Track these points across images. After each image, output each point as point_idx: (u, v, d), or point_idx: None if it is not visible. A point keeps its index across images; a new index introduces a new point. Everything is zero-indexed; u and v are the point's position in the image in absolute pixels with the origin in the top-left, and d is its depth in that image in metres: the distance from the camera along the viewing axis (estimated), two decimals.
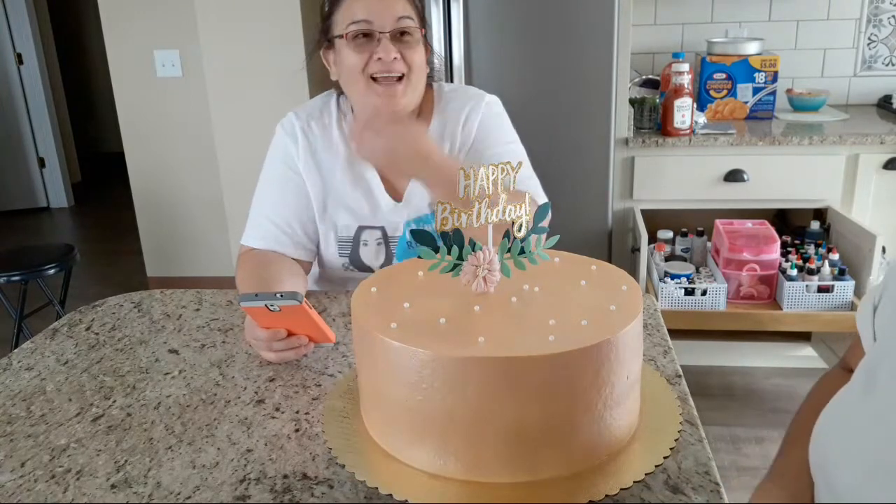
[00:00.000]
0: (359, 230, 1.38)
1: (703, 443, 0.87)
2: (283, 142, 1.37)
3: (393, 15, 1.23)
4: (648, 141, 2.55)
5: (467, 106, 1.38)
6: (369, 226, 1.37)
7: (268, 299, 1.00)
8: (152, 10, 3.37)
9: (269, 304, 1.00)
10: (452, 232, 0.83)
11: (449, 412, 0.74)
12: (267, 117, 1.44)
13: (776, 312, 2.37)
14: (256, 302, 1.01)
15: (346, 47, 1.25)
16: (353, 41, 1.24)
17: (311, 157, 1.36)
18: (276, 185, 1.37)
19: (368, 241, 1.38)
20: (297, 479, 0.82)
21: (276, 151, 1.38)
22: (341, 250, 1.39)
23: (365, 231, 1.38)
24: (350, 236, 1.38)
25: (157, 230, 3.68)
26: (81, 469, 0.86)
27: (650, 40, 3.00)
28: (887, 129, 2.57)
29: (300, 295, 0.99)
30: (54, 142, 5.38)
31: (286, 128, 1.37)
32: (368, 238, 1.38)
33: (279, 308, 1.00)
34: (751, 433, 2.34)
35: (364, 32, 1.24)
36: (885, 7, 2.88)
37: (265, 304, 1.00)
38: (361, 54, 1.24)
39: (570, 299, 0.85)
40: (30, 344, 1.21)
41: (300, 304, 0.99)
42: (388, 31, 1.23)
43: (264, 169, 1.39)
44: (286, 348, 1.07)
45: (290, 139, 1.36)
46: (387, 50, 1.23)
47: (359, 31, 1.24)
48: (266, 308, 1.01)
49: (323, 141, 1.36)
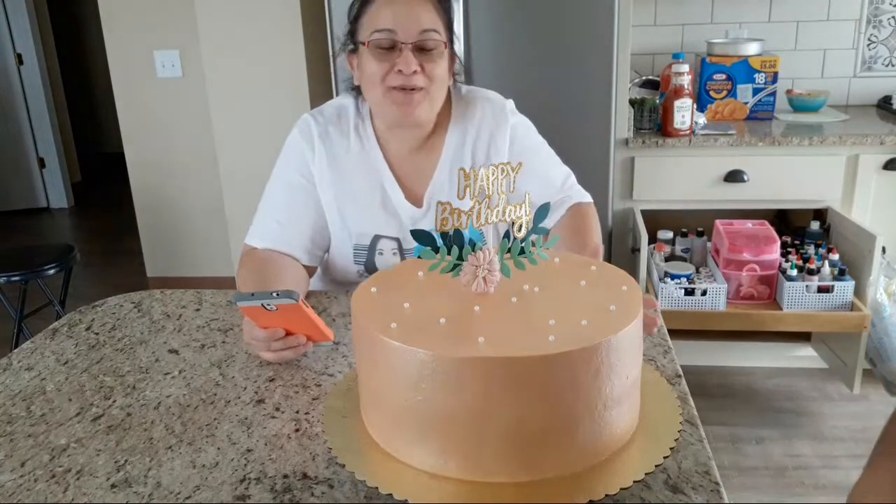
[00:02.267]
0: (375, 238, 1.36)
1: (703, 443, 0.87)
2: (298, 146, 1.34)
3: (418, 26, 1.21)
4: (648, 141, 2.55)
5: (491, 116, 1.37)
6: (385, 235, 1.36)
7: (264, 298, 0.99)
8: (152, 10, 3.37)
9: (266, 303, 0.99)
10: (452, 232, 0.83)
11: (449, 412, 0.74)
12: (267, 117, 1.44)
13: (776, 312, 2.37)
14: (252, 301, 1.00)
15: (368, 54, 1.24)
16: (375, 49, 1.23)
17: (328, 165, 1.33)
18: (286, 189, 1.35)
19: (384, 250, 1.37)
20: (297, 478, 0.82)
21: (290, 155, 1.36)
22: (357, 258, 1.38)
23: (381, 240, 1.37)
24: (366, 245, 1.37)
25: (157, 230, 3.68)
26: (81, 469, 0.86)
27: (650, 41, 3.00)
28: (887, 129, 2.57)
29: (296, 293, 0.99)
30: (54, 142, 5.37)
31: (303, 132, 1.34)
32: (384, 247, 1.37)
33: (276, 307, 1.00)
34: (751, 433, 2.35)
35: (387, 42, 1.22)
36: (885, 8, 2.88)
37: (261, 304, 1.00)
38: (382, 63, 1.22)
39: (570, 299, 0.85)
40: (30, 344, 1.21)
41: (296, 302, 0.98)
42: (410, 43, 1.21)
43: (276, 168, 1.37)
44: (284, 348, 1.06)
45: (307, 145, 1.33)
46: (407, 62, 1.21)
47: (381, 40, 1.22)
48: (263, 308, 1.00)
49: (341, 148, 1.34)
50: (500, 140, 1.36)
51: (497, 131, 1.36)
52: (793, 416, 2.44)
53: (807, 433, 2.34)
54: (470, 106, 1.37)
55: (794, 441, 2.31)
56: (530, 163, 1.34)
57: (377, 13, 1.22)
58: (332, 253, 1.41)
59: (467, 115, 1.36)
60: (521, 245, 0.86)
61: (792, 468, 2.19)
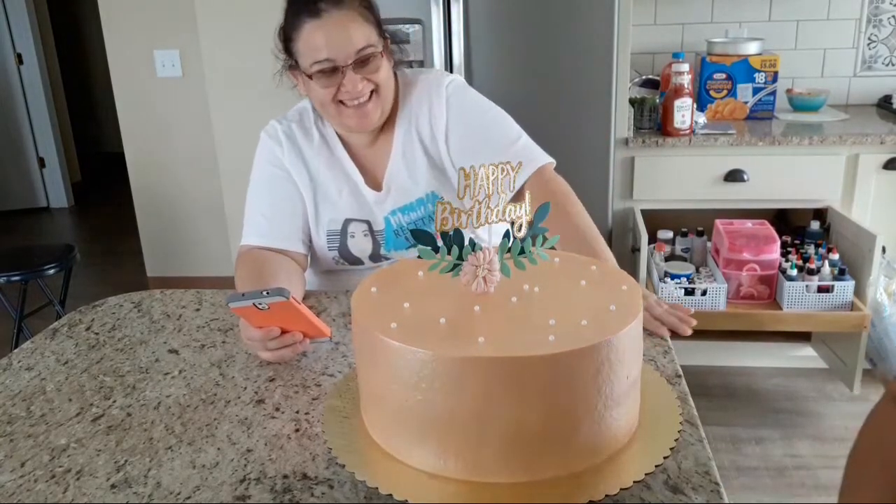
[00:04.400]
0: (346, 223, 1.42)
1: (703, 443, 0.87)
2: (267, 146, 1.42)
3: (352, 47, 1.25)
4: (648, 141, 2.55)
5: (426, 94, 1.40)
6: (355, 218, 1.42)
7: (255, 298, 0.99)
8: (152, 10, 3.37)
9: (257, 302, 1.00)
10: (452, 232, 0.83)
11: (449, 412, 0.74)
12: (267, 117, 1.46)
13: (776, 312, 2.37)
14: (244, 301, 1.00)
15: (313, 82, 1.29)
16: (318, 77, 1.27)
17: (297, 156, 1.40)
18: (264, 184, 1.41)
19: (355, 232, 1.42)
20: (297, 479, 0.82)
21: (262, 155, 1.43)
22: (330, 244, 1.43)
23: (352, 223, 1.42)
24: (338, 229, 1.42)
25: (157, 230, 3.68)
26: (81, 469, 0.86)
27: (650, 40, 3.00)
28: (887, 129, 2.56)
29: (286, 290, 0.99)
30: (54, 142, 5.37)
31: (270, 133, 1.42)
32: (355, 230, 1.42)
33: (267, 306, 1.00)
34: (751, 433, 2.35)
35: (328, 68, 1.26)
36: (885, 7, 2.88)
37: (253, 303, 1.00)
38: (329, 88, 1.28)
39: (569, 299, 0.85)
40: (30, 344, 1.21)
41: (287, 299, 0.99)
42: (350, 64, 1.25)
43: (253, 174, 1.43)
44: (281, 346, 1.07)
45: (275, 143, 1.41)
46: (353, 81, 1.26)
47: (323, 69, 1.26)
48: (255, 307, 1.01)
49: (305, 141, 1.41)
50: (437, 110, 1.39)
51: (434, 103, 1.39)
52: (793, 417, 2.44)
53: (807, 433, 2.34)
54: (410, 87, 1.41)
55: (794, 441, 2.31)
56: (469, 120, 1.38)
57: (310, 39, 1.26)
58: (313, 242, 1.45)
59: (410, 100, 1.41)
60: (521, 245, 0.86)
61: (792, 468, 2.18)
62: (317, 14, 1.24)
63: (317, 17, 1.24)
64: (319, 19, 1.24)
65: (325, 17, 1.24)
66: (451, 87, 1.41)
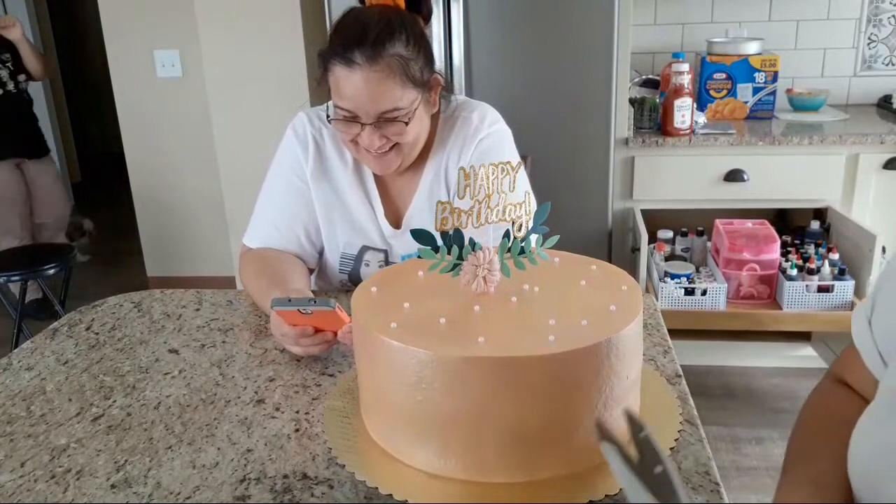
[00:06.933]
0: (362, 249, 1.36)
1: (703, 443, 0.87)
2: (293, 148, 1.33)
3: (377, 109, 1.17)
4: (648, 141, 2.55)
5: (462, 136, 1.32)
6: (373, 247, 1.36)
7: (301, 304, 1.02)
8: (152, 10, 3.37)
9: (302, 308, 1.02)
10: (452, 232, 0.83)
11: (449, 412, 0.74)
12: (267, 117, 1.44)
13: (776, 312, 2.37)
14: (289, 307, 1.03)
15: (335, 120, 1.22)
16: (337, 122, 1.21)
17: (321, 166, 1.33)
18: (281, 192, 1.35)
19: (370, 261, 1.37)
20: (297, 479, 0.82)
21: (285, 156, 1.35)
22: (343, 266, 1.38)
23: (368, 251, 1.36)
24: (353, 254, 1.37)
25: (157, 230, 3.68)
26: (81, 469, 0.86)
27: (650, 40, 3.00)
28: (887, 129, 2.56)
29: (333, 301, 1.01)
30: (54, 142, 5.36)
31: (298, 133, 1.34)
32: (371, 259, 1.37)
33: (311, 311, 1.03)
34: (751, 433, 2.34)
35: (350, 117, 1.19)
36: (885, 7, 2.88)
37: (297, 309, 1.03)
38: (349, 131, 1.21)
39: (570, 299, 0.85)
40: (30, 344, 1.21)
41: (334, 309, 1.01)
42: (371, 123, 1.18)
43: (272, 169, 1.37)
44: (313, 344, 1.07)
45: (301, 147, 1.33)
46: (370, 136, 1.19)
47: (344, 115, 1.19)
48: (298, 311, 1.03)
49: (334, 150, 1.33)
50: (465, 157, 1.32)
51: (465, 148, 1.32)
52: (793, 416, 2.41)
53: None
54: (450, 124, 1.33)
55: None
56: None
57: (338, 83, 1.18)
58: (324, 257, 1.41)
59: (446, 140, 1.33)
60: (521, 245, 0.86)
61: None
62: (349, 64, 1.15)
63: (348, 66, 1.15)
64: (350, 69, 1.15)
65: (357, 70, 1.14)
66: (488, 138, 1.32)
